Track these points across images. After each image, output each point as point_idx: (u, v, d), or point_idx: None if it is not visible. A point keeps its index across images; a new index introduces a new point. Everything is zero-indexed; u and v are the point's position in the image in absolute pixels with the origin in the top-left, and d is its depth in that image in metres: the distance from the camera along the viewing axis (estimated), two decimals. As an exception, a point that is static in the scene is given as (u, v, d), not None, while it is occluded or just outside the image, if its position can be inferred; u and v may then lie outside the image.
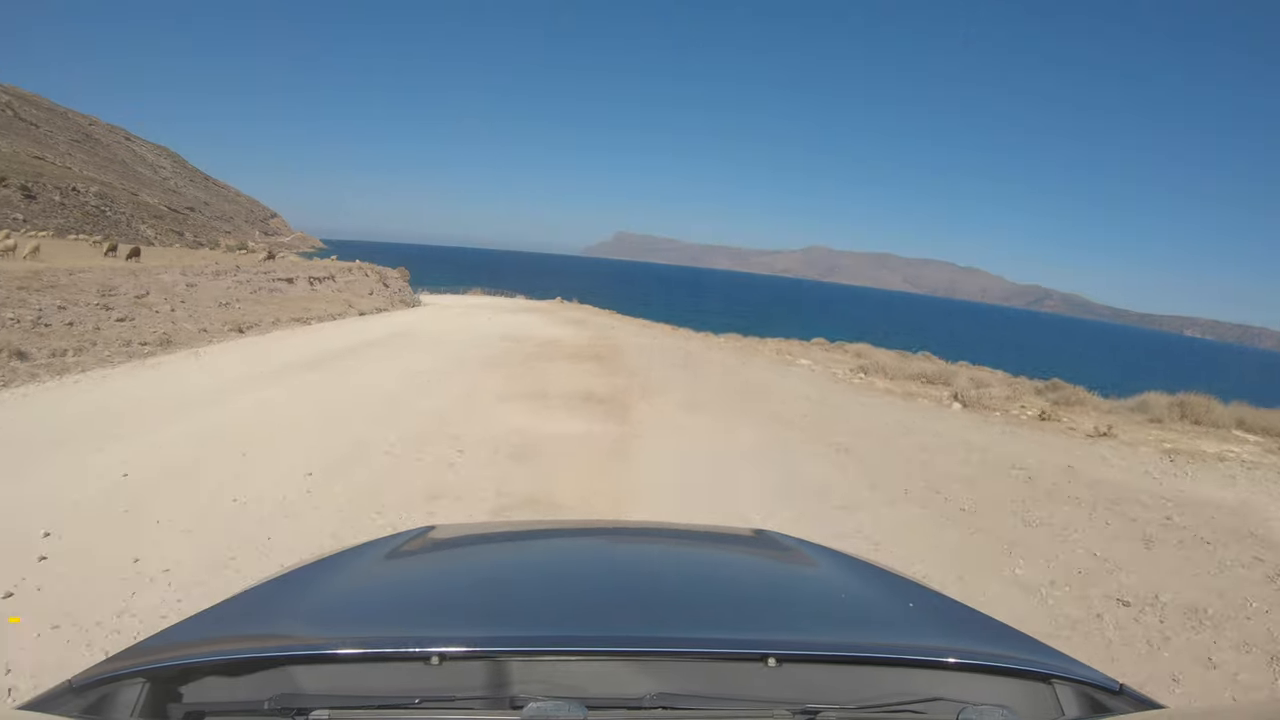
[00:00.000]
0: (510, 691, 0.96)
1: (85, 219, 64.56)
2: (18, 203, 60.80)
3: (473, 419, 7.47)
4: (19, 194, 61.91)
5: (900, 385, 11.03)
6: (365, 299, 22.44)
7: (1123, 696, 1.01)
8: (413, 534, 1.74)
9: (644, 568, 1.63)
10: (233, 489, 4.86)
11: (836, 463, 6.67)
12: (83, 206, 66.88)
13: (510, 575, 1.52)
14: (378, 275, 28.05)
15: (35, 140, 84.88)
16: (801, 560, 1.66)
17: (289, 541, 4.05)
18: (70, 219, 62.20)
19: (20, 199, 61.56)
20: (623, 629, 1.11)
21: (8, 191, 61.54)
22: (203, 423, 6.57)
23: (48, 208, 63.02)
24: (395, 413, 7.56)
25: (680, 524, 2.97)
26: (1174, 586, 4.15)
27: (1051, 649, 1.14)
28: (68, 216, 62.86)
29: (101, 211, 68.32)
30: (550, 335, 16.75)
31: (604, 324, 21.46)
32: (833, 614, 1.32)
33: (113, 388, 7.82)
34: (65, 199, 65.85)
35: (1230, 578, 4.33)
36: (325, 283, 21.36)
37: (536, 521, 4.11)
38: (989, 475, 6.39)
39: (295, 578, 1.42)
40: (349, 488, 5.08)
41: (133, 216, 70.91)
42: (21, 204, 60.89)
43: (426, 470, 5.66)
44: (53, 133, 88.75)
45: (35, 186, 63.60)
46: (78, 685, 0.95)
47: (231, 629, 1.16)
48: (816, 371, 12.70)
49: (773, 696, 0.98)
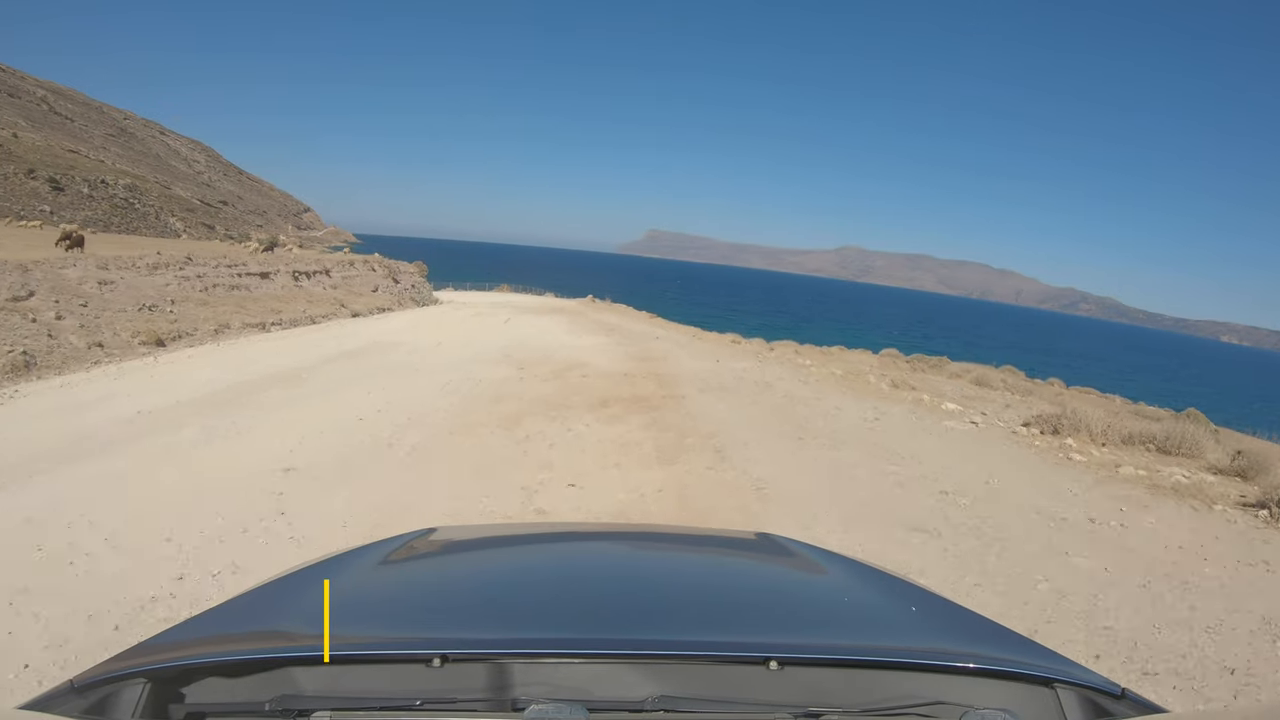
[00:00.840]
0: (512, 694, 0.94)
1: (113, 212, 63.22)
2: (45, 195, 59.63)
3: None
4: (47, 186, 60.75)
5: (1114, 454, 6.91)
6: (364, 297, 19.18)
7: (1125, 701, 0.99)
8: (414, 536, 1.68)
9: (646, 570, 1.60)
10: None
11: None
12: (111, 199, 65.58)
13: (512, 577, 1.49)
14: (387, 270, 24.88)
15: (70, 134, 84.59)
16: (804, 564, 1.62)
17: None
18: (98, 212, 60.83)
19: (48, 191, 60.40)
20: (624, 631, 1.10)
21: (36, 184, 60.44)
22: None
23: (76, 200, 61.78)
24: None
25: (683, 527, 3.11)
26: None
27: (1054, 653, 1.12)
28: (95, 209, 61.52)
29: (130, 204, 66.98)
30: (574, 353, 12.78)
31: (644, 332, 17.38)
32: (835, 617, 1.30)
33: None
34: (94, 191, 64.62)
35: None
36: (316, 278, 18.09)
37: (539, 524, 4.09)
38: None
39: (296, 579, 1.37)
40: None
41: (161, 210, 69.49)
42: (49, 196, 59.69)
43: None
44: (87, 127, 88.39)
45: (64, 179, 62.38)
46: (79, 685, 0.93)
47: (232, 630, 1.14)
48: (980, 428, 8.35)
49: (774, 700, 0.96)
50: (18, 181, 59.33)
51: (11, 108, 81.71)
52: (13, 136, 72.77)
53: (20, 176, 59.85)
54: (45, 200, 58.38)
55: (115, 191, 66.89)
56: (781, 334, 24.86)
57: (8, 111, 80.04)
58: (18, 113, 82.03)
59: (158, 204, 72.21)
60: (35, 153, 69.57)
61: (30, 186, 59.55)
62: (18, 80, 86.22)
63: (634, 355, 12.73)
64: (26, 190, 58.86)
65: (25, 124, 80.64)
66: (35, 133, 78.96)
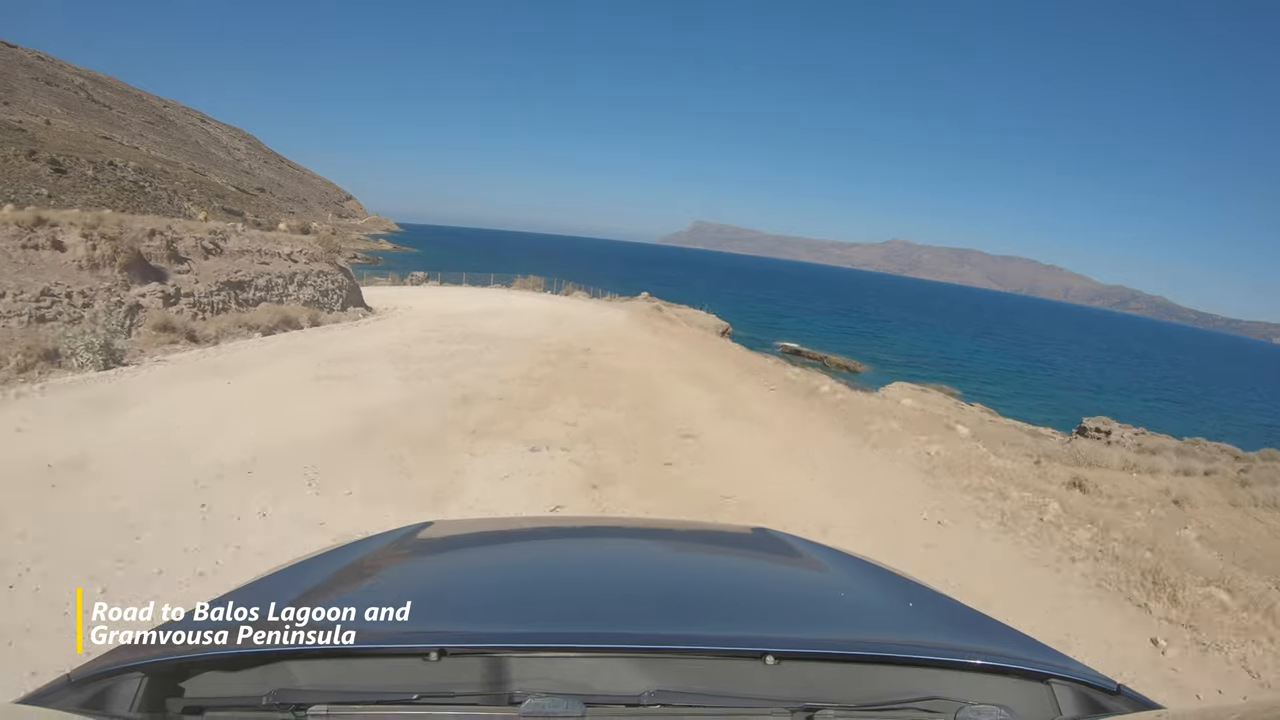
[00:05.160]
0: (509, 688, 0.92)
1: (119, 195, 56.80)
2: (45, 177, 53.54)
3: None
4: (48, 168, 54.39)
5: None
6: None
7: (1120, 696, 0.97)
8: (411, 529, 1.62)
9: (643, 565, 1.53)
10: None
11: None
12: (118, 182, 59.23)
13: (509, 572, 1.45)
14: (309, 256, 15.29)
15: (106, 121, 79.40)
16: (801, 559, 1.57)
17: None
18: (102, 195, 54.34)
19: (49, 173, 54.27)
20: (621, 626, 1.06)
21: (36, 166, 54.25)
22: None
23: (79, 183, 55.58)
24: None
25: (680, 521, 2.96)
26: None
27: (1050, 649, 1.09)
28: (99, 192, 55.15)
29: (140, 188, 60.59)
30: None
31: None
32: (832, 612, 1.27)
33: None
34: (99, 174, 58.25)
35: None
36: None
37: (536, 518, 3.98)
38: None
39: (293, 572, 1.33)
40: None
41: (175, 193, 62.54)
42: (49, 179, 53.58)
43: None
44: (125, 114, 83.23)
45: (67, 161, 55.73)
46: (76, 680, 0.91)
47: (230, 623, 1.07)
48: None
49: (771, 694, 0.94)
50: (17, 164, 53.26)
51: (48, 95, 76.76)
52: (45, 123, 67.64)
53: (20, 159, 53.68)
54: (44, 183, 52.30)
55: (124, 174, 60.47)
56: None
57: (43, 99, 75.19)
58: (54, 100, 77.10)
59: (175, 188, 65.53)
60: (65, 139, 64.10)
61: (30, 169, 53.53)
62: (56, 69, 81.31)
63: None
64: (25, 173, 52.84)
65: (60, 111, 75.84)
66: (69, 119, 74.08)
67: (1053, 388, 43.93)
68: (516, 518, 3.91)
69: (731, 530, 2.21)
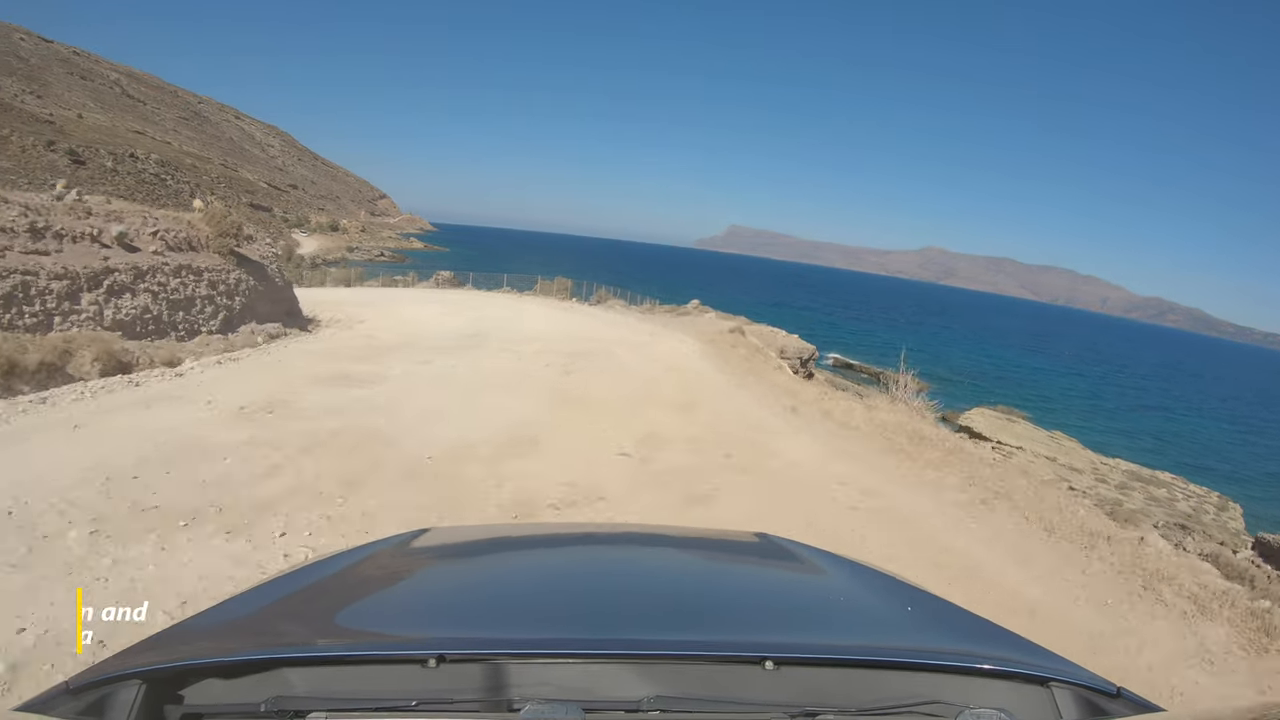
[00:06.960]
0: (507, 694, 0.91)
1: (139, 187, 53.96)
2: (63, 168, 50.64)
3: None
4: (66, 159, 51.63)
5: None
6: None
7: (1120, 700, 0.96)
8: (409, 536, 1.59)
9: (642, 571, 1.51)
10: None
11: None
12: (139, 174, 56.36)
13: (507, 578, 1.42)
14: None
15: (139, 116, 77.46)
16: (801, 564, 1.54)
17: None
18: (120, 187, 51.49)
19: (67, 164, 51.47)
20: (620, 631, 1.06)
21: (55, 156, 51.56)
22: None
23: (97, 174, 52.79)
24: None
25: (679, 527, 2.86)
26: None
27: (1050, 652, 1.07)
28: (118, 184, 52.31)
29: (161, 180, 57.73)
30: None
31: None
32: (831, 617, 1.25)
33: None
34: (119, 165, 55.46)
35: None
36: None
37: (534, 524, 3.86)
38: None
39: (291, 580, 1.30)
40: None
41: (200, 186, 59.44)
42: (67, 169, 50.68)
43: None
44: (159, 110, 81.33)
45: (86, 152, 52.90)
46: (74, 687, 0.89)
47: (228, 630, 1.08)
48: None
49: (771, 700, 0.93)
50: (35, 154, 50.60)
51: (82, 90, 75.03)
52: (77, 116, 65.55)
53: (38, 149, 51.01)
54: (62, 173, 49.37)
55: (145, 166, 57.62)
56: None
57: (77, 93, 73.42)
58: (88, 94, 75.31)
59: (200, 182, 62.64)
60: (96, 132, 61.86)
61: (47, 159, 50.83)
62: (92, 64, 79.64)
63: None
64: (43, 163, 50.10)
65: (94, 105, 74.10)
66: (102, 114, 72.19)
67: (1124, 410, 37.87)
68: (513, 524, 3.85)
69: (731, 535, 2.08)
